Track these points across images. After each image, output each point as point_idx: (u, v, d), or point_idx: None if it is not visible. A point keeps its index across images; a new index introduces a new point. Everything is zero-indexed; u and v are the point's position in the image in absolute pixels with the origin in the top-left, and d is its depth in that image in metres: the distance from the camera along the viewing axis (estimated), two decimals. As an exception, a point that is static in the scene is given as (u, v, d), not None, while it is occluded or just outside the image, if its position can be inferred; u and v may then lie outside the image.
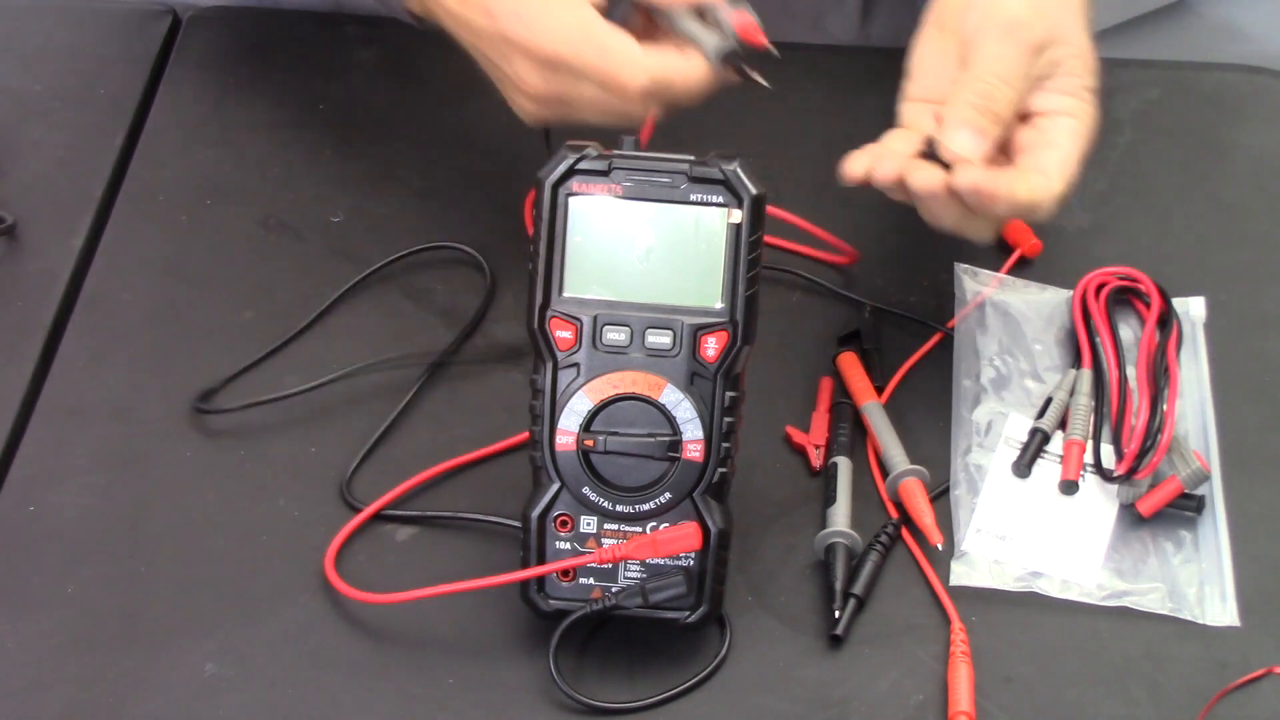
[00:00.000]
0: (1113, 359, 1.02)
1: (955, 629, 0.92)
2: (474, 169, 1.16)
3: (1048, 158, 0.97)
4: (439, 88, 1.21)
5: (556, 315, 0.87)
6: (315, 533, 0.96)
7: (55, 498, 0.98)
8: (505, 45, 0.97)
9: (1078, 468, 0.99)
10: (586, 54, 0.94)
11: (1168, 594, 0.94)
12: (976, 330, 1.06)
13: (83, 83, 1.22)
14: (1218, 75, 1.25)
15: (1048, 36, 0.97)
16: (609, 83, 0.94)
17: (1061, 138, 0.98)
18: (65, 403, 1.03)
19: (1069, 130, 0.98)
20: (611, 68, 0.94)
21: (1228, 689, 0.90)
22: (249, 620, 0.93)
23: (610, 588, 0.90)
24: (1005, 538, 0.97)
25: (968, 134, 0.95)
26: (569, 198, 0.87)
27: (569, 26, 0.95)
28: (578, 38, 0.94)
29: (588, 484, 0.88)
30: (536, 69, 0.96)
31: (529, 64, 0.96)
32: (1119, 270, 1.06)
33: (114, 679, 0.90)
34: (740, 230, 0.86)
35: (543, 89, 0.97)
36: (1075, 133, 0.98)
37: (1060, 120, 0.98)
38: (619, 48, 0.94)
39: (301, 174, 1.16)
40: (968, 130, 0.95)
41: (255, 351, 1.05)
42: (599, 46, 0.94)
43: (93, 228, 1.13)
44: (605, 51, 0.94)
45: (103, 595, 0.94)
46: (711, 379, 0.87)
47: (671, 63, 0.95)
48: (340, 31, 1.26)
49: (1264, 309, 1.09)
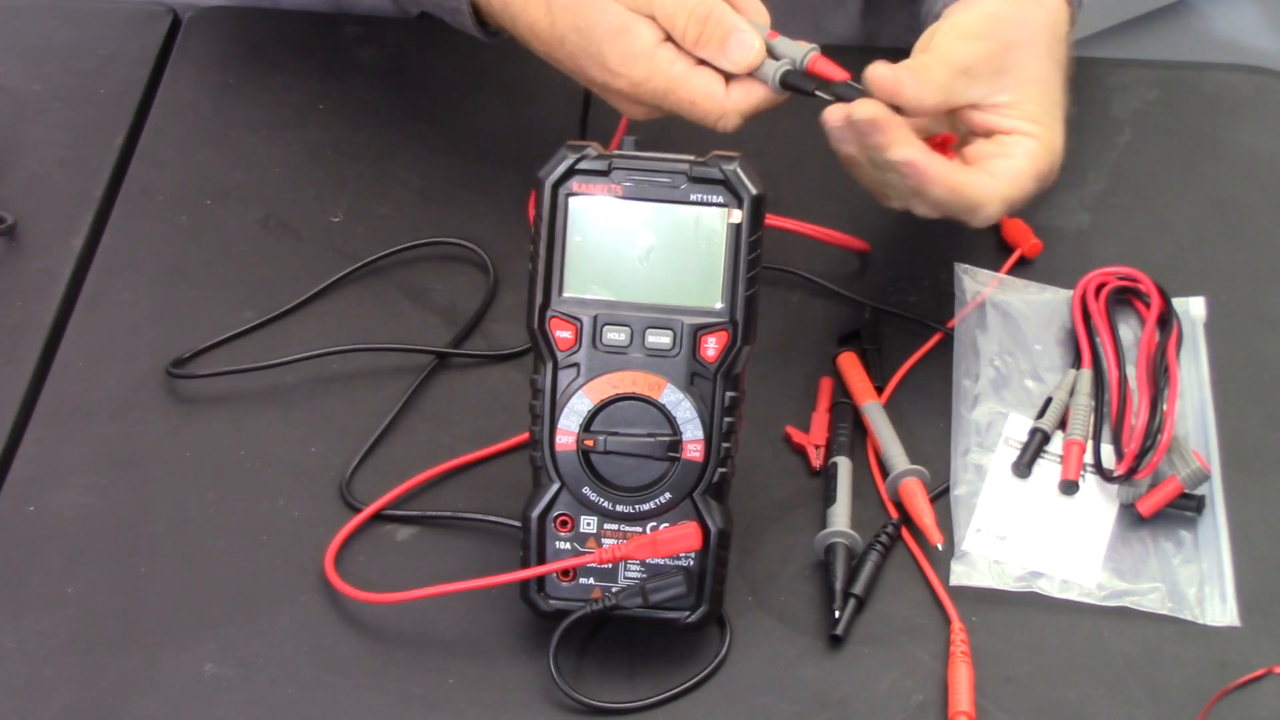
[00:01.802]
0: (1113, 359, 1.02)
1: (955, 629, 0.92)
2: (474, 169, 1.16)
3: (1000, 164, 0.99)
4: (439, 88, 1.21)
5: (556, 315, 0.87)
6: (315, 533, 0.96)
7: (55, 498, 0.98)
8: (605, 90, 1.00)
9: (1078, 468, 0.99)
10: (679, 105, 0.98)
11: (1168, 594, 0.94)
12: (976, 330, 1.06)
13: (83, 83, 1.22)
14: (1218, 75, 1.25)
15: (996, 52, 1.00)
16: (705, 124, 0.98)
17: (1017, 150, 1.00)
18: (65, 403, 1.03)
19: (1026, 148, 1.00)
20: (704, 116, 0.97)
21: (1228, 689, 0.90)
22: (249, 620, 0.93)
23: (610, 588, 0.90)
24: (1005, 538, 0.97)
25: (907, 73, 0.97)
26: (569, 198, 0.87)
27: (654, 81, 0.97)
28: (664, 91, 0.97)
29: (588, 484, 0.88)
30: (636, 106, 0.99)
31: (630, 103, 0.99)
32: (1119, 270, 1.06)
33: (114, 679, 0.91)
34: (740, 230, 0.86)
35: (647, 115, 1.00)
36: (1032, 151, 1.00)
37: (1021, 139, 1.00)
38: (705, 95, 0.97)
39: (301, 174, 1.16)
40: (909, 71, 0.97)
41: (255, 351, 1.05)
42: (688, 101, 0.97)
43: (93, 228, 1.13)
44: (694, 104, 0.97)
45: (103, 595, 0.94)
46: (711, 379, 0.87)
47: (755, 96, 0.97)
48: (340, 31, 1.26)
49: (1264, 309, 1.09)
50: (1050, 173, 1.01)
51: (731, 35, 0.96)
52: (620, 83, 0.98)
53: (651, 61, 0.97)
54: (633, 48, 0.97)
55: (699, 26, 0.96)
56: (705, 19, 0.96)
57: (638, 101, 0.99)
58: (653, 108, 0.99)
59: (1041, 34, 1.02)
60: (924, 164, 0.97)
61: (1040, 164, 1.00)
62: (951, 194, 0.98)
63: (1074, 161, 1.16)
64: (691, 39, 0.96)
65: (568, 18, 0.98)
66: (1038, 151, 1.00)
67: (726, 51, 0.96)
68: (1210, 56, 2.30)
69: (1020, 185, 0.99)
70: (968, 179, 0.98)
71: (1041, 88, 1.01)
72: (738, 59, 0.96)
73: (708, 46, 0.96)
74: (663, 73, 0.97)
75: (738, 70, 0.97)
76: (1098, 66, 1.26)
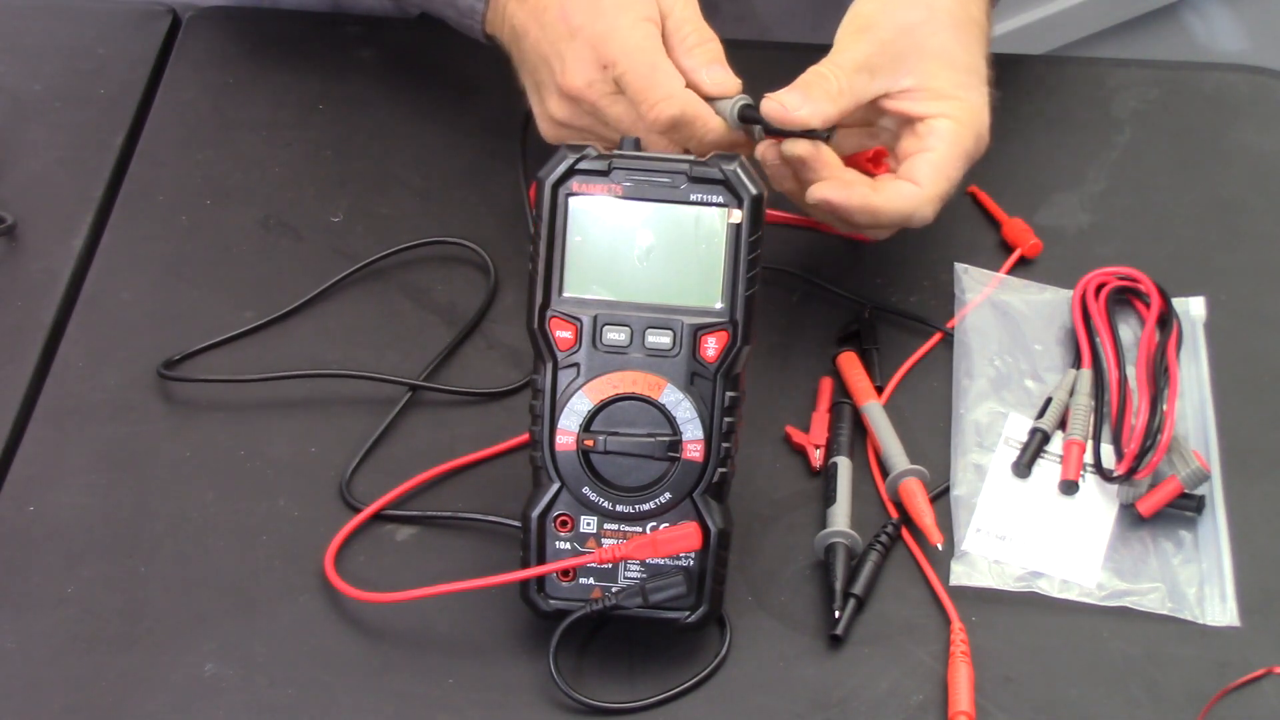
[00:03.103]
0: (1113, 359, 1.02)
1: (955, 629, 0.92)
2: (474, 168, 1.16)
3: (921, 164, 1.00)
4: (439, 88, 1.21)
5: (556, 315, 0.87)
6: (315, 533, 0.96)
7: (55, 498, 0.98)
8: (570, 40, 0.99)
9: (1078, 468, 0.99)
10: (639, 66, 0.98)
11: (1168, 594, 0.94)
12: (976, 330, 1.06)
13: (83, 83, 1.22)
14: (1218, 75, 1.25)
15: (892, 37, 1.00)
16: (643, 100, 0.97)
17: (934, 140, 1.00)
18: (65, 403, 1.03)
19: (944, 132, 1.00)
20: (653, 89, 0.97)
21: (1228, 689, 0.90)
22: (249, 620, 0.93)
23: (610, 588, 0.90)
24: (1005, 538, 0.97)
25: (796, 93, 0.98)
26: (569, 198, 0.87)
27: (633, 38, 0.98)
28: (637, 49, 0.98)
29: (588, 484, 0.88)
30: (587, 69, 0.99)
31: (583, 63, 0.99)
32: (1119, 270, 1.06)
33: (114, 679, 0.91)
34: (740, 230, 0.86)
35: (582, 91, 1.00)
36: (949, 134, 1.00)
37: (936, 122, 1.01)
38: (666, 74, 0.98)
39: (301, 174, 1.16)
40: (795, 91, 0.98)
41: (255, 351, 1.05)
42: (652, 64, 0.98)
43: (93, 228, 1.13)
44: (655, 70, 0.98)
45: (103, 595, 0.94)
46: (711, 379, 0.87)
47: (703, 108, 0.98)
48: (340, 31, 1.26)
49: (1264, 309, 1.09)
50: (977, 145, 1.02)
51: (719, 63, 1.00)
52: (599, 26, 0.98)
53: (641, 25, 0.99)
54: (637, 8, 0.99)
55: (699, 39, 0.99)
56: (708, 39, 1.00)
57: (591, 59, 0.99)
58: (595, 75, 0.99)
59: (942, 6, 1.02)
60: (840, 199, 0.98)
61: (963, 143, 1.01)
62: (877, 217, 0.99)
63: (1074, 161, 1.17)
64: (690, 44, 0.99)
65: None
66: (955, 131, 1.00)
67: (710, 70, 0.99)
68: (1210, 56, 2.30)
69: (945, 177, 1.00)
70: (887, 199, 0.99)
71: (945, 60, 1.01)
72: (719, 79, 0.99)
73: (698, 58, 0.99)
74: (643, 36, 0.98)
75: (711, 89, 0.99)
76: (1098, 66, 1.26)
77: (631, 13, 0.99)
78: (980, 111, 1.02)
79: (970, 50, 1.02)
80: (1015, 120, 1.17)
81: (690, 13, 1.00)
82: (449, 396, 1.03)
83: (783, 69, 1.00)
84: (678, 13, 1.00)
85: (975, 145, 1.02)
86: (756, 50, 1.14)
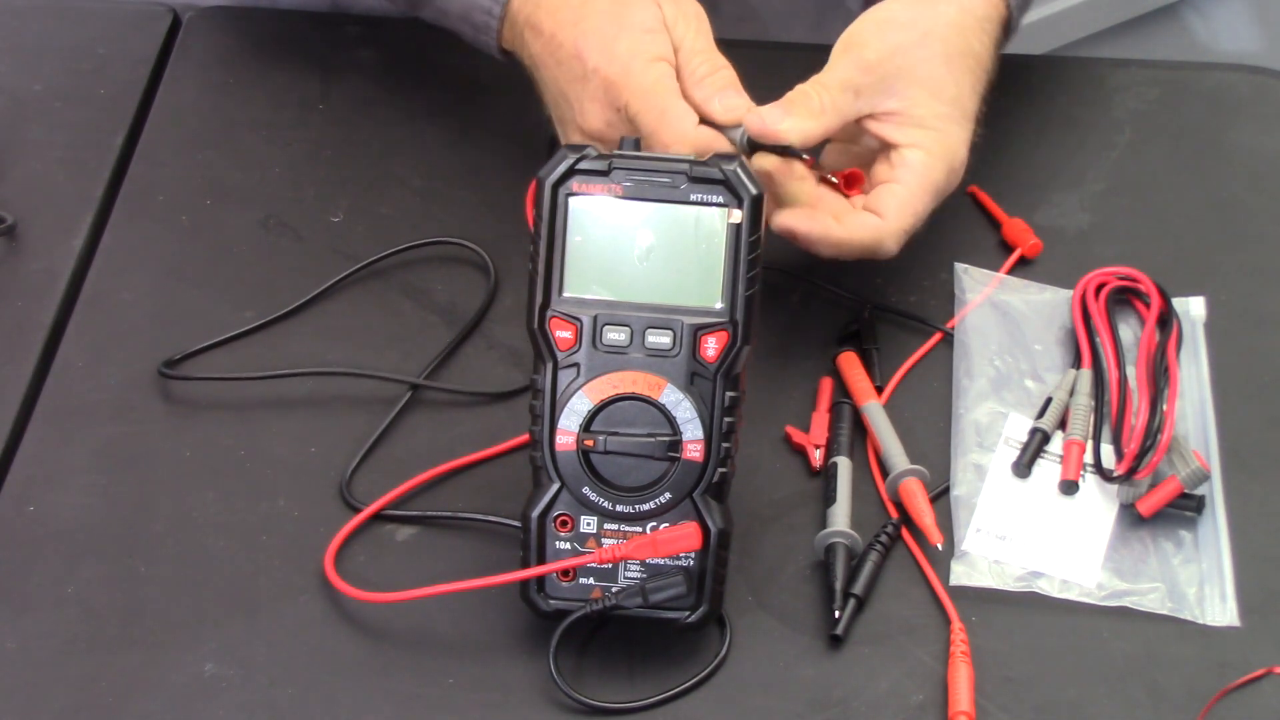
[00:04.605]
0: (1113, 359, 1.02)
1: (955, 629, 0.92)
2: (474, 169, 1.16)
3: (888, 197, 1.01)
4: (439, 88, 1.21)
5: (556, 315, 0.87)
6: (315, 533, 0.96)
7: (55, 498, 0.98)
8: (586, 81, 1.00)
9: (1078, 468, 0.99)
10: (651, 110, 0.98)
11: (1168, 594, 0.94)
12: (976, 330, 1.06)
13: (83, 83, 1.22)
14: (1218, 75, 1.25)
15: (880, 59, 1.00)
16: (657, 141, 0.98)
17: (906, 174, 1.01)
18: (65, 403, 1.03)
19: (915, 165, 1.01)
20: (664, 133, 0.98)
21: (1228, 689, 0.90)
22: (249, 620, 0.93)
23: (610, 588, 0.90)
24: (1005, 538, 0.97)
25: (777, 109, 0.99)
26: (569, 198, 0.87)
27: (645, 82, 0.99)
28: (649, 92, 0.98)
29: (588, 484, 0.88)
30: (604, 111, 1.00)
31: (600, 105, 1.00)
32: (1119, 270, 1.06)
33: (114, 679, 0.91)
34: (740, 230, 0.86)
35: (602, 131, 1.01)
36: (922, 166, 1.00)
37: (909, 153, 1.01)
38: (678, 115, 0.98)
39: (301, 174, 1.16)
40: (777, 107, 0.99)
41: (256, 352, 1.05)
42: (662, 109, 0.98)
43: (93, 228, 1.13)
44: (665, 114, 0.98)
45: (103, 595, 0.94)
46: (711, 379, 0.87)
47: (715, 144, 0.98)
48: (340, 31, 1.26)
49: (1264, 309, 1.09)
50: (949, 180, 1.02)
51: (732, 87, 1.00)
52: (612, 70, 0.99)
53: (654, 67, 0.99)
54: (650, 48, 0.99)
55: (710, 69, 1.00)
56: (719, 67, 1.00)
57: (605, 101, 1.00)
58: (611, 116, 1.00)
59: (938, 33, 1.02)
60: (804, 230, 0.99)
61: (932, 175, 1.01)
62: (839, 249, 1.00)
63: (1074, 161, 1.17)
64: (700, 75, 1.00)
65: (605, 3, 1.01)
66: (926, 164, 1.01)
67: (722, 96, 0.99)
68: (1210, 56, 2.30)
69: (911, 211, 1.01)
70: (850, 231, 1.00)
71: (930, 89, 1.01)
72: (731, 104, 0.99)
73: (708, 87, 0.99)
74: (655, 79, 0.99)
75: (722, 116, 0.99)
76: (1098, 66, 1.26)
77: (644, 54, 0.99)
78: (956, 147, 1.02)
79: (959, 83, 1.02)
80: (1015, 120, 1.17)
81: (702, 43, 1.01)
82: (449, 396, 1.03)
83: (783, 69, 1.00)
84: (688, 44, 1.00)
85: (946, 180, 1.02)
86: (757, 50, 1.14)
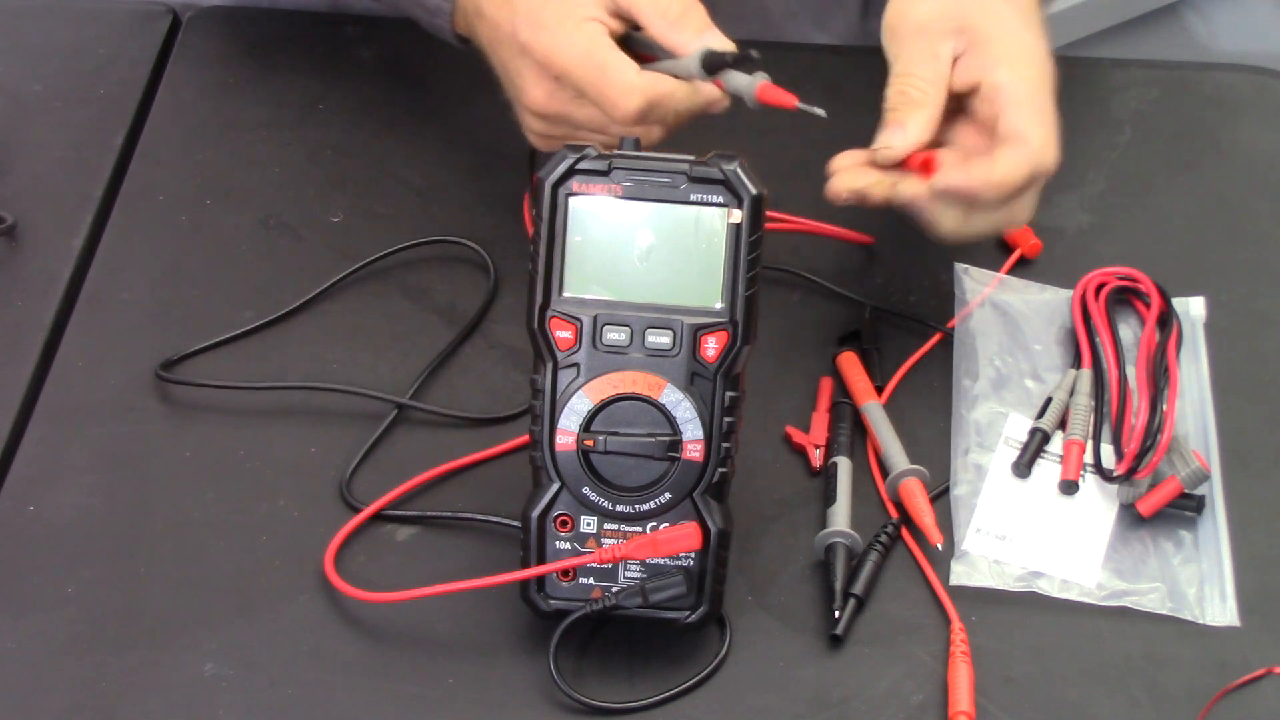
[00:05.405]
0: (1112, 359, 1.02)
1: (955, 629, 0.92)
2: (474, 168, 1.16)
3: (1014, 118, 0.97)
4: (439, 88, 1.21)
5: (556, 315, 0.87)
6: (315, 533, 0.96)
7: (55, 498, 0.98)
8: (521, 56, 1.00)
9: (1078, 468, 0.99)
10: (589, 71, 0.97)
11: (1168, 594, 0.94)
12: (976, 330, 1.06)
13: (83, 83, 1.22)
14: (1218, 75, 1.25)
15: (956, 25, 0.99)
16: (604, 101, 0.97)
17: (1011, 92, 0.98)
18: (65, 403, 1.03)
19: (1009, 82, 0.98)
20: (609, 88, 0.97)
21: (1228, 689, 0.90)
22: (249, 620, 0.93)
23: (610, 588, 0.90)
24: (1005, 538, 0.97)
25: (889, 131, 0.99)
26: (569, 198, 0.87)
27: (577, 44, 0.98)
28: (582, 54, 0.98)
29: (588, 484, 0.88)
30: (543, 82, 0.99)
31: (537, 77, 0.99)
32: (1119, 270, 1.06)
33: (114, 679, 0.90)
34: (740, 230, 0.86)
35: (546, 104, 1.00)
36: (1018, 76, 0.98)
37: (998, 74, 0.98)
38: (618, 67, 0.97)
39: (301, 174, 1.16)
40: (889, 128, 0.99)
41: (255, 350, 1.05)
42: (600, 65, 0.98)
43: (93, 228, 1.13)
44: (605, 69, 0.97)
45: (103, 595, 0.94)
46: (711, 379, 0.87)
47: (664, 84, 0.98)
48: (340, 31, 1.26)
49: (1264, 309, 1.09)
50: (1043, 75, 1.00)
51: (710, 29, 0.99)
52: (541, 39, 0.98)
53: (584, 27, 0.98)
54: (576, 11, 0.99)
55: (682, 9, 0.99)
56: (690, 6, 0.99)
57: (541, 73, 0.99)
58: (551, 86, 0.99)
59: None
60: (964, 184, 0.96)
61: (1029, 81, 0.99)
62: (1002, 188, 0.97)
63: (1074, 161, 1.17)
64: (673, 17, 0.98)
65: None
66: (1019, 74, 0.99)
67: (702, 38, 0.98)
68: (1210, 56, 2.30)
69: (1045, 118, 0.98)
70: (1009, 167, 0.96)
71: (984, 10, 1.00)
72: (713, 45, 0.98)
73: (684, 30, 0.98)
74: (587, 38, 0.98)
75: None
76: (1098, 66, 1.26)
77: (571, 19, 0.99)
78: (1033, 43, 1.00)
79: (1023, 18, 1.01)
80: (1015, 120, 1.17)
81: None
82: (451, 396, 1.03)
83: (784, 69, 1.00)
84: None
85: (1042, 76, 0.99)
86: (757, 50, 1.14)
